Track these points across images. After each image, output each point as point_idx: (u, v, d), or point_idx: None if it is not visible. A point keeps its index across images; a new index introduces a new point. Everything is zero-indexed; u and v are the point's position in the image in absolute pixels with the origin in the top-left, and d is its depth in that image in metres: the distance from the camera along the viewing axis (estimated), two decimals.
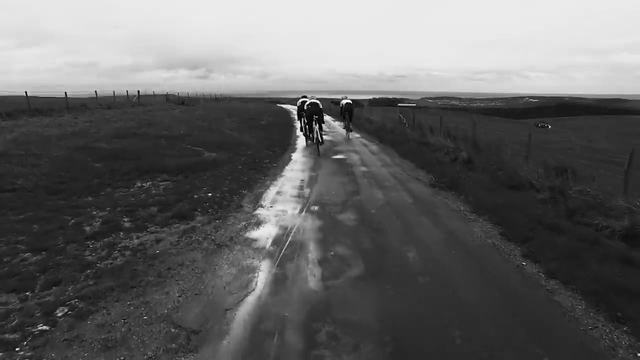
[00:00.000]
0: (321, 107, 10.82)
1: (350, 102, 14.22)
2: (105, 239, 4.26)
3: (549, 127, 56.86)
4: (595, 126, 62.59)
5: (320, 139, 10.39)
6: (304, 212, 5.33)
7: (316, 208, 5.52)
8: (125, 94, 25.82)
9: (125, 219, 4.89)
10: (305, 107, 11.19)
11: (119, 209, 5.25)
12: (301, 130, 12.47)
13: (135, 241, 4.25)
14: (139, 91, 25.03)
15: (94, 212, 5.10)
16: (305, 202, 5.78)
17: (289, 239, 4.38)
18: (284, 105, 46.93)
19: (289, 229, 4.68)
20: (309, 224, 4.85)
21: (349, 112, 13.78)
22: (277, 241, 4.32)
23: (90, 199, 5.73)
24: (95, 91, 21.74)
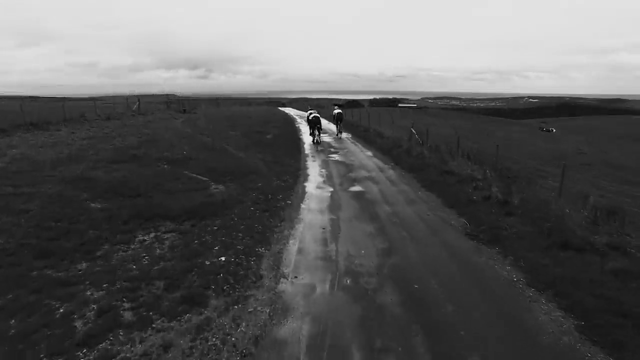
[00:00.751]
0: (321, 118, 16.58)
1: (341, 111, 19.68)
2: (101, 345, 3.47)
3: (554, 130, 55.88)
4: (596, 126, 62.19)
5: (319, 139, 16.30)
6: (335, 289, 4.54)
7: (349, 282, 4.72)
8: (125, 98, 24.92)
9: (126, 305, 4.09)
10: (311, 118, 16.62)
11: (117, 285, 4.46)
12: (310, 136, 17.45)
13: (139, 348, 3.45)
14: (139, 99, 24.13)
15: (88, 292, 4.30)
16: (334, 271, 4.98)
17: (327, 342, 3.59)
18: (286, 110, 45.79)
19: (323, 323, 3.88)
20: (346, 315, 4.04)
21: (339, 119, 19.31)
22: (312, 347, 3.52)
23: (85, 265, 4.94)
24: (95, 100, 20.87)
